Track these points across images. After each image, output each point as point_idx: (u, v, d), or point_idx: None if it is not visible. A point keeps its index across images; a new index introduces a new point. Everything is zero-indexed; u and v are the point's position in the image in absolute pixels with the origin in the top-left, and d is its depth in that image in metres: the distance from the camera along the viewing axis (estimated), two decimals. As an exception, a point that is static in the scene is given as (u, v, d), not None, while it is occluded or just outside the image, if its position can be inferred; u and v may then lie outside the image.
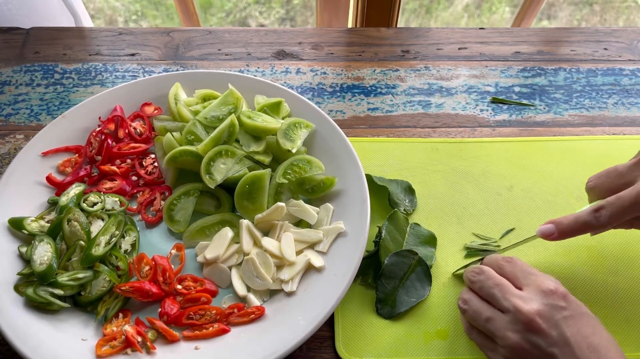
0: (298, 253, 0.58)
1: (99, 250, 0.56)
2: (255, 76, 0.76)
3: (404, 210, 0.64)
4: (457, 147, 0.71)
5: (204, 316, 0.55)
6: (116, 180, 0.64)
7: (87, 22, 1.04)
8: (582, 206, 0.66)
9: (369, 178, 0.64)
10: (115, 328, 0.54)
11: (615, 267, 0.61)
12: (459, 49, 0.85)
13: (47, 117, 0.76)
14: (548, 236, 0.54)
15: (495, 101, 0.78)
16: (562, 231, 0.53)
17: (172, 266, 0.57)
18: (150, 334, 0.53)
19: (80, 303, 0.56)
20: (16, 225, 0.58)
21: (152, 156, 0.67)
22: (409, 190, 0.66)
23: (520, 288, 0.49)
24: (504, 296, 0.48)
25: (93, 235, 0.57)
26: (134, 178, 0.66)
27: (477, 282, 0.51)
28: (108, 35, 0.86)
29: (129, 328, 0.53)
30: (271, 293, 0.57)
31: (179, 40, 0.86)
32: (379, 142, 0.72)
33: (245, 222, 0.60)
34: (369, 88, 0.79)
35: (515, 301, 0.47)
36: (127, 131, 0.68)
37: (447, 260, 0.62)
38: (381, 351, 0.55)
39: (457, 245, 0.63)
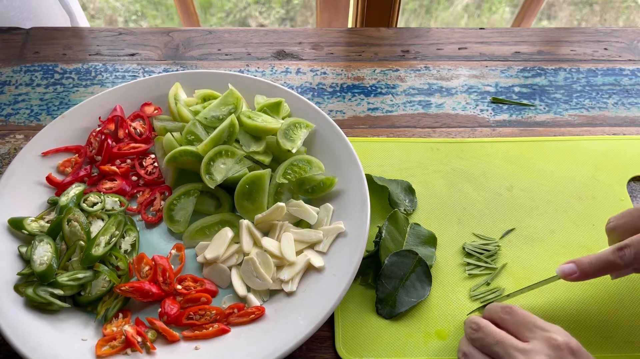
0: (298, 253, 0.58)
1: (99, 250, 0.56)
2: (255, 76, 0.76)
3: (404, 210, 0.64)
4: (457, 147, 0.71)
5: (204, 316, 0.55)
6: (116, 180, 0.64)
7: (82, 21, 1.04)
8: (582, 206, 0.66)
9: (369, 178, 0.64)
10: (115, 328, 0.54)
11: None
12: (459, 49, 0.85)
13: (47, 117, 0.76)
14: (569, 275, 0.51)
15: (495, 101, 0.78)
16: (583, 271, 0.50)
17: (172, 266, 0.57)
18: (150, 334, 0.53)
19: (80, 303, 0.55)
20: (16, 225, 0.58)
21: (152, 156, 0.67)
22: (409, 190, 0.66)
23: (526, 340, 0.46)
24: (507, 353, 0.45)
25: (93, 235, 0.57)
26: (134, 178, 0.66)
27: (477, 340, 0.48)
28: (108, 35, 0.86)
29: (129, 328, 0.53)
30: (271, 293, 0.57)
31: (179, 40, 0.86)
32: (379, 142, 0.72)
33: (245, 222, 0.60)
34: (369, 88, 0.79)
35: (520, 358, 0.44)
36: (127, 131, 0.68)
37: (447, 260, 0.62)
38: (381, 351, 0.55)
39: (457, 245, 0.63)
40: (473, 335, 0.49)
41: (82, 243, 0.56)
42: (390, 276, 0.58)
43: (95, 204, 0.60)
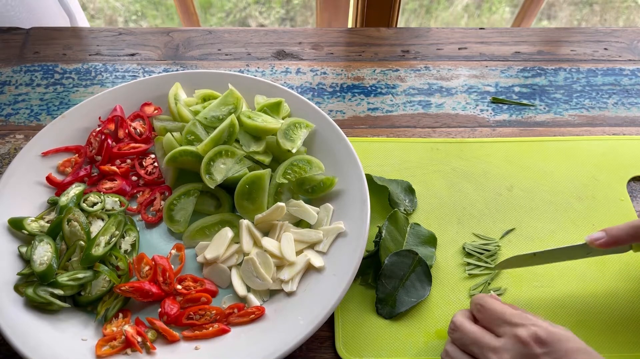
0: (298, 253, 0.58)
1: (99, 250, 0.56)
2: (255, 76, 0.76)
3: (404, 210, 0.64)
4: (457, 147, 0.71)
5: (204, 316, 0.55)
6: (116, 180, 0.64)
7: (82, 21, 1.04)
8: (582, 206, 0.66)
9: (369, 178, 0.64)
10: (115, 328, 0.54)
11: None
12: (459, 49, 0.85)
13: (47, 117, 0.76)
14: (596, 240, 0.52)
15: (495, 101, 0.78)
16: (612, 236, 0.51)
17: (172, 266, 0.57)
18: (150, 334, 0.53)
19: (80, 303, 0.55)
20: (16, 225, 0.58)
21: (152, 156, 0.67)
22: (409, 190, 0.66)
23: (499, 336, 0.47)
24: (481, 353, 0.46)
25: (93, 235, 0.57)
26: (134, 178, 0.66)
27: (456, 339, 0.49)
28: (108, 35, 0.86)
29: (128, 328, 0.53)
30: (271, 293, 0.57)
31: (179, 40, 0.86)
32: (379, 142, 0.72)
33: (245, 222, 0.60)
34: (369, 88, 0.79)
35: (491, 357, 0.45)
36: (127, 131, 0.68)
37: (447, 260, 0.62)
38: (381, 351, 0.55)
39: (457, 245, 0.63)
40: (452, 334, 0.50)
41: (82, 243, 0.56)
42: (390, 276, 0.58)
43: (95, 204, 0.60)
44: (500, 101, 0.78)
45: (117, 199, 0.62)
